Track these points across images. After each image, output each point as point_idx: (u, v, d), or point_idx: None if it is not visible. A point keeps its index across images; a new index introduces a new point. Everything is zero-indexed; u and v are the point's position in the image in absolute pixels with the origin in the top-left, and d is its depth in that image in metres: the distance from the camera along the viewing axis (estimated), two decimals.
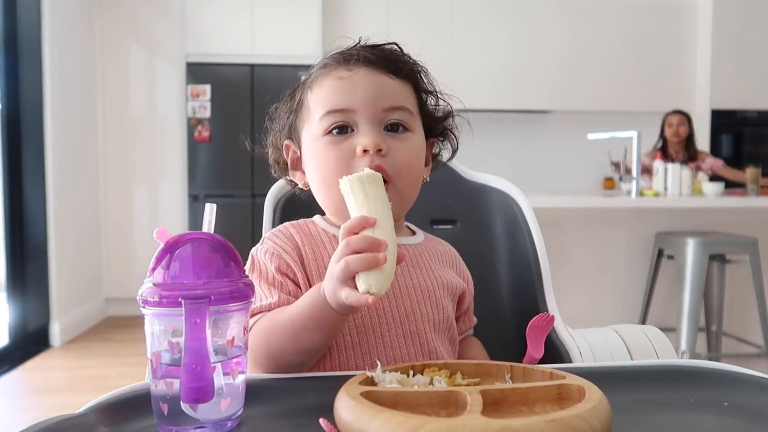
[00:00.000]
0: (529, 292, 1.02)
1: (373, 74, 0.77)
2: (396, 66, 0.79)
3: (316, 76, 0.80)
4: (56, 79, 3.68)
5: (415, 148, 0.79)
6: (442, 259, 0.86)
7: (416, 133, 0.80)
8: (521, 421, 0.44)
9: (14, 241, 3.52)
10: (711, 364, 0.68)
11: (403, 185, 0.77)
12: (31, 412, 2.63)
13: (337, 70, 0.78)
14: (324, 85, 0.78)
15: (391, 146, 0.75)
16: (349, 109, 0.75)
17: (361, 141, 0.74)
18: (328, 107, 0.76)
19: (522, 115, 5.00)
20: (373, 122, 0.76)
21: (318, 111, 0.77)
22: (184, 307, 0.50)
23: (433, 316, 0.78)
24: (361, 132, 0.75)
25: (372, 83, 0.76)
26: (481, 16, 4.91)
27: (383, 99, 0.76)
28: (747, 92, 4.97)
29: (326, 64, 0.80)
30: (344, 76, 0.77)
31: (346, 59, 0.78)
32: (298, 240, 0.79)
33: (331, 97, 0.76)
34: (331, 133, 0.76)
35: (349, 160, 0.75)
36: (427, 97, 0.84)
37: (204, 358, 0.50)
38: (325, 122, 0.76)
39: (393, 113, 0.77)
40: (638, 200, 3.01)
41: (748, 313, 2.96)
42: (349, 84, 0.76)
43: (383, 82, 0.77)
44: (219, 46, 4.45)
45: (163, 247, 0.53)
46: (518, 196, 1.09)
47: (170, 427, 0.52)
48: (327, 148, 0.76)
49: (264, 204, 1.02)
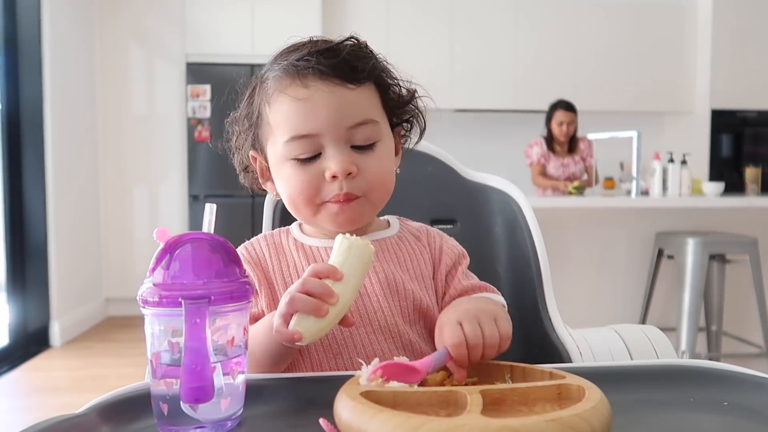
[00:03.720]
0: (529, 292, 1.02)
1: (332, 90, 0.73)
2: (354, 73, 0.74)
3: (272, 90, 0.76)
4: (56, 79, 3.68)
5: (384, 159, 0.77)
6: (417, 245, 0.84)
7: (384, 140, 0.77)
8: (521, 420, 0.44)
9: (14, 241, 3.52)
10: (711, 364, 0.68)
11: (376, 197, 0.77)
12: (31, 412, 2.63)
13: (292, 87, 0.73)
14: (282, 105, 0.74)
15: (360, 165, 0.74)
16: (313, 134, 0.73)
17: (329, 166, 0.72)
18: (291, 133, 0.73)
19: (522, 115, 5.00)
20: (339, 142, 0.73)
21: (281, 134, 0.74)
22: (184, 307, 0.50)
23: (401, 308, 0.77)
24: (328, 155, 0.73)
25: (332, 102, 0.72)
26: (481, 16, 4.91)
27: (346, 117, 0.73)
28: (747, 92, 4.97)
29: (279, 77, 0.75)
30: (302, 96, 0.72)
31: (300, 73, 0.73)
32: (264, 251, 0.81)
33: (293, 123, 0.73)
34: (296, 159, 0.74)
35: (318, 184, 0.74)
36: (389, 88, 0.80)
37: (204, 358, 0.50)
38: (290, 148, 0.74)
39: (358, 129, 0.74)
40: (638, 200, 3.02)
41: (748, 313, 2.96)
42: (308, 106, 0.72)
43: (344, 98, 0.73)
44: (219, 46, 4.45)
45: (163, 247, 0.53)
46: (518, 195, 1.09)
47: (170, 428, 0.52)
48: (295, 172, 0.74)
49: (264, 204, 1.02)
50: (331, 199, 0.74)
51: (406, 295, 0.78)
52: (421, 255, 0.83)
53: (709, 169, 4.96)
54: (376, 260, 0.76)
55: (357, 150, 0.74)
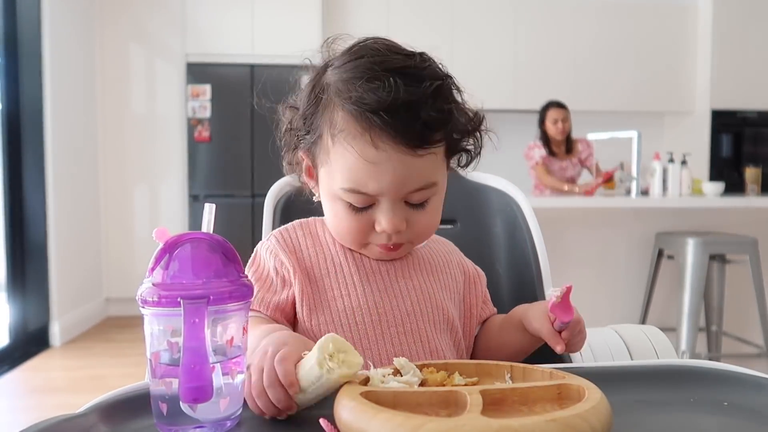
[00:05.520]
0: (529, 292, 1.02)
1: (401, 159, 0.69)
2: (427, 143, 0.70)
3: (340, 128, 0.71)
4: (56, 79, 3.68)
5: (435, 213, 0.77)
6: (445, 258, 0.86)
7: (438, 194, 0.76)
8: (521, 420, 0.44)
9: (14, 241, 3.52)
10: (711, 364, 0.68)
11: (420, 241, 0.80)
12: (31, 412, 2.63)
13: (362, 142, 0.69)
14: (347, 155, 0.70)
15: (411, 220, 0.74)
16: (375, 194, 0.72)
17: (381, 222, 0.73)
18: (352, 185, 0.71)
19: (522, 115, 5.00)
20: (396, 200, 0.73)
21: (339, 177, 0.72)
22: (182, 307, 0.50)
23: (433, 316, 0.79)
24: (382, 209, 0.73)
25: (399, 170, 0.70)
26: (481, 16, 4.91)
27: (409, 183, 0.71)
28: (747, 92, 4.98)
29: (348, 119, 0.70)
30: (370, 159, 0.69)
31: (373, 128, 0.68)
32: (301, 240, 0.80)
33: (355, 178, 0.71)
34: (350, 205, 0.74)
35: (366, 232, 0.75)
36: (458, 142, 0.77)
37: (203, 357, 0.50)
38: (347, 196, 0.73)
39: (417, 193, 0.73)
40: (638, 200, 3.02)
41: (748, 313, 2.96)
42: (375, 170, 0.70)
43: (412, 165, 0.70)
44: (219, 46, 4.45)
45: (162, 247, 0.53)
46: (518, 195, 1.09)
47: (170, 427, 0.52)
48: (346, 215, 0.74)
49: (264, 204, 1.02)
50: (378, 245, 0.76)
51: (436, 305, 0.80)
52: (450, 269, 0.85)
53: (709, 169, 4.96)
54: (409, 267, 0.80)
55: (411, 208, 0.74)
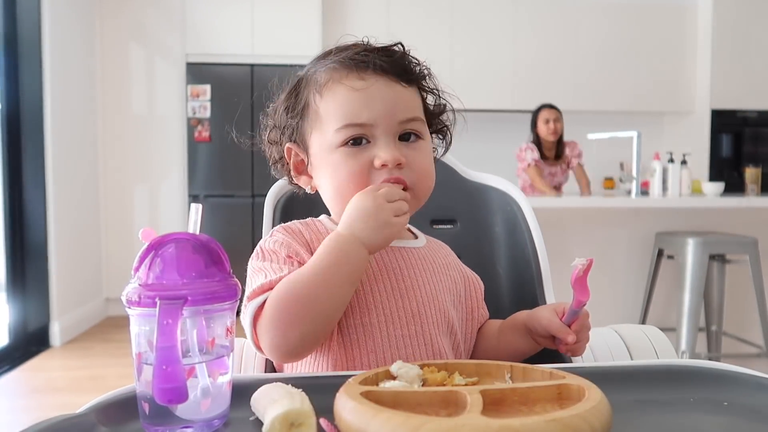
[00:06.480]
0: (529, 292, 1.02)
1: (389, 85, 0.77)
2: (407, 74, 0.79)
3: (325, 80, 0.78)
4: (56, 79, 3.68)
5: (428, 154, 0.81)
6: (445, 261, 0.86)
7: (426, 140, 0.81)
8: (521, 420, 0.44)
9: (14, 241, 3.52)
10: (711, 364, 0.68)
11: (421, 191, 0.79)
12: (31, 412, 2.63)
13: (348, 78, 0.76)
14: (337, 94, 0.77)
15: (408, 157, 0.76)
16: (367, 124, 0.75)
17: (380, 155, 0.75)
18: (346, 120, 0.75)
19: (522, 115, 5.00)
20: (389, 134, 0.76)
21: (333, 122, 0.76)
22: (158, 307, 0.50)
23: (436, 318, 0.79)
24: (378, 145, 0.75)
25: (388, 96, 0.76)
26: (481, 16, 4.91)
27: (399, 111, 0.76)
28: (747, 92, 4.97)
29: (335, 68, 0.78)
30: (359, 87, 0.76)
31: (358, 66, 0.76)
32: (306, 236, 0.80)
33: (349, 110, 0.75)
34: (347, 144, 0.76)
35: (366, 171, 0.75)
36: (426, 96, 0.85)
37: (174, 359, 0.49)
38: (342, 134, 0.75)
39: (408, 124, 0.77)
40: (638, 200, 3.01)
41: (748, 313, 2.96)
42: (366, 96, 0.75)
43: (398, 94, 0.77)
44: (219, 46, 4.45)
45: (146, 247, 0.54)
46: (518, 195, 1.09)
47: (156, 428, 0.52)
48: (344, 160, 0.76)
49: (264, 204, 1.02)
50: (382, 181, 0.75)
51: (439, 307, 0.80)
52: (449, 270, 0.86)
53: (709, 169, 4.96)
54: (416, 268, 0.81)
55: (403, 143, 0.77)
